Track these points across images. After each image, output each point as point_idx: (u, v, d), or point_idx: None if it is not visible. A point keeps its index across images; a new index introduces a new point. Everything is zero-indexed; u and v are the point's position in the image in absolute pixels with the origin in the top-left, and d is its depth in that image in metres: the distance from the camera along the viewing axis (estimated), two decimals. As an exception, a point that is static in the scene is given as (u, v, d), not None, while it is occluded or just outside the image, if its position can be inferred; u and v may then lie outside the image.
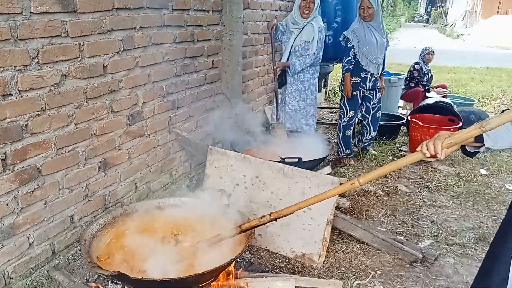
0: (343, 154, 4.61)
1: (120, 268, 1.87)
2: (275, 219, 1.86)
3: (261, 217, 1.90)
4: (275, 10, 4.61)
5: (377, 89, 4.43)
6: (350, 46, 4.18)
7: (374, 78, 4.32)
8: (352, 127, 4.52)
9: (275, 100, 4.18)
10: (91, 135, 2.39)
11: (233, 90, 3.79)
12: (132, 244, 2.11)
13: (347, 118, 4.47)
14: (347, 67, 4.25)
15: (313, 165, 3.41)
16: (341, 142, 4.57)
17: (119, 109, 2.56)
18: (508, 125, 1.43)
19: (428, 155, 1.33)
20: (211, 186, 3.01)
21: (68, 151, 2.25)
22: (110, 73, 2.43)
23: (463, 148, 1.49)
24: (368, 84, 4.31)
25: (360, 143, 4.78)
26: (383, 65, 4.45)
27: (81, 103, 2.27)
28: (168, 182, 3.27)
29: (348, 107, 4.43)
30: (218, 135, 3.93)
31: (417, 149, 1.37)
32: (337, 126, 4.64)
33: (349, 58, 4.21)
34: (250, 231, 2.01)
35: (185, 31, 3.08)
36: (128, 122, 2.67)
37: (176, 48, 3.00)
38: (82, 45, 2.21)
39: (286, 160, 3.07)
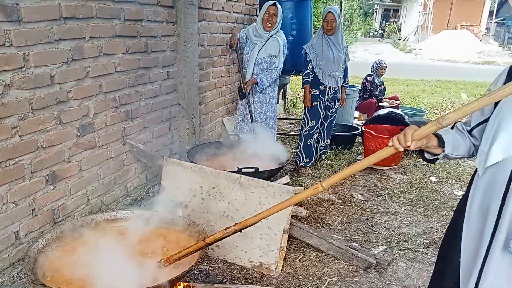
0: (301, 164, 4.67)
1: (66, 286, 1.79)
2: (240, 230, 1.81)
3: (225, 229, 1.84)
4: (232, 22, 4.65)
5: (336, 100, 4.58)
6: (308, 60, 4.31)
7: (333, 91, 4.46)
8: (313, 137, 4.63)
9: (238, 112, 4.23)
10: (38, 147, 2.30)
11: (190, 101, 3.77)
12: (81, 260, 2.03)
13: (308, 128, 4.58)
14: (306, 79, 4.38)
15: (270, 175, 3.44)
16: (302, 152, 4.65)
17: (68, 120, 2.48)
18: (462, 135, 1.52)
19: (401, 148, 1.36)
20: (167, 198, 2.97)
21: (12, 164, 2.15)
22: (58, 84, 2.35)
23: (422, 155, 1.54)
24: (326, 96, 4.45)
25: (316, 152, 4.87)
26: (345, 77, 4.62)
27: (26, 114, 2.18)
28: (123, 194, 3.19)
29: (309, 117, 4.54)
30: (175, 146, 3.89)
31: (388, 144, 1.39)
32: (298, 136, 4.72)
33: (307, 71, 4.34)
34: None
35: (139, 42, 3.05)
36: (78, 134, 2.59)
37: (129, 58, 2.96)
38: (27, 55, 2.13)
39: (242, 170, 3.09)
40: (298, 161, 4.70)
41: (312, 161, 4.70)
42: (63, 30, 2.34)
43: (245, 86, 3.91)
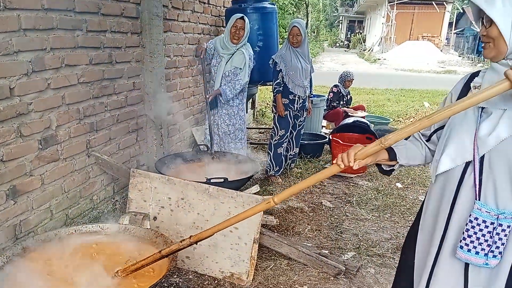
0: (271, 172, 4.70)
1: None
2: (195, 243, 1.81)
3: (181, 241, 1.85)
4: (198, 33, 4.67)
5: (305, 109, 4.67)
6: (278, 69, 4.37)
7: (302, 100, 4.54)
8: (283, 145, 4.67)
9: (207, 122, 4.21)
10: (-3, 161, 2.21)
11: (157, 112, 3.74)
12: (43, 277, 1.95)
13: (278, 137, 4.62)
14: (277, 89, 4.43)
15: (240, 184, 3.44)
16: (272, 160, 4.68)
17: (29, 133, 2.40)
18: (418, 144, 1.57)
19: (343, 166, 1.39)
20: (135, 210, 2.91)
21: (-31, 180, 2.06)
22: (17, 96, 2.28)
23: (379, 167, 1.58)
24: (296, 105, 4.52)
25: (286, 160, 4.92)
26: (310, 88, 4.70)
27: (-16, 127, 2.10)
28: (89, 207, 3.11)
29: (279, 126, 4.59)
30: (143, 157, 3.84)
31: (333, 162, 1.44)
32: (268, 145, 4.75)
33: (278, 80, 4.40)
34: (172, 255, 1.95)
35: (102, 53, 3.01)
36: (40, 147, 2.51)
37: (92, 70, 2.91)
38: (-15, 66, 2.06)
39: (211, 180, 3.07)
40: (268, 170, 4.72)
41: (282, 169, 4.73)
42: (23, 41, 2.28)
43: (207, 97, 3.89)
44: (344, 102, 6.85)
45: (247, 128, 6.89)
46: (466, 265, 1.35)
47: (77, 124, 2.83)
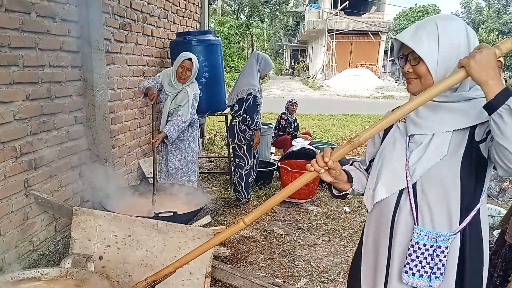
0: (245, 200, 4.77)
1: None
2: (153, 285, 1.70)
3: (136, 284, 1.74)
4: (143, 65, 4.63)
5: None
6: (257, 103, 4.46)
7: None
8: (251, 174, 4.79)
9: (159, 155, 4.13)
10: None
11: (101, 146, 3.62)
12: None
13: (248, 166, 4.71)
14: (258, 123, 4.52)
15: (190, 217, 3.37)
16: (244, 190, 4.74)
17: (-42, 175, 2.23)
18: (361, 173, 1.60)
19: (322, 170, 1.35)
20: (79, 250, 2.76)
21: None
22: None
23: (332, 193, 1.59)
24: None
25: None
26: None
27: None
28: (28, 250, 2.91)
29: (248, 156, 4.68)
30: (87, 193, 3.67)
31: (307, 170, 1.37)
32: (239, 176, 4.73)
33: (258, 115, 4.53)
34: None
35: (41, 88, 2.89)
36: (-28, 189, 2.33)
37: (30, 105, 2.78)
38: None
39: (160, 215, 2.99)
40: (241, 198, 4.77)
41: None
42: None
43: (153, 140, 3.76)
44: (292, 129, 7.02)
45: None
46: None
47: (14, 163, 2.67)
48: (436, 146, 1.31)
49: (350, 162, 1.68)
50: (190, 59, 3.84)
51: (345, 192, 1.55)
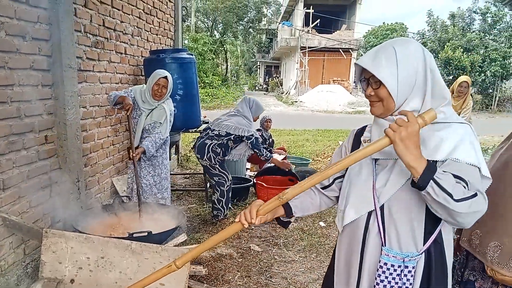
0: (221, 216, 4.75)
1: None
2: None
3: None
4: (116, 83, 4.58)
5: None
6: (260, 142, 4.75)
7: None
8: (231, 190, 4.83)
9: (129, 171, 4.06)
10: None
11: (73, 165, 3.54)
12: None
13: (229, 182, 4.73)
14: (268, 154, 4.75)
15: (165, 236, 3.32)
16: (224, 206, 4.75)
17: None
18: (311, 194, 1.65)
19: (246, 225, 1.43)
20: (49, 274, 2.67)
21: None
22: None
23: (278, 220, 1.63)
24: None
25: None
26: None
27: None
28: (-6, 276, 2.78)
29: (227, 172, 4.71)
30: (58, 214, 3.56)
31: (235, 220, 1.46)
32: (219, 193, 4.72)
33: (265, 149, 4.85)
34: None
35: (9, 107, 2.81)
36: None
37: (-2, 125, 2.70)
38: None
39: (134, 235, 2.93)
40: (219, 215, 4.74)
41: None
42: None
43: (133, 155, 3.73)
44: (267, 145, 7.05)
45: (172, 174, 6.78)
46: None
47: (-20, 184, 2.58)
48: (400, 169, 1.35)
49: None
50: (165, 77, 3.84)
51: (288, 220, 1.64)
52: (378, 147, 1.25)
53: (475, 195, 1.21)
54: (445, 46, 24.09)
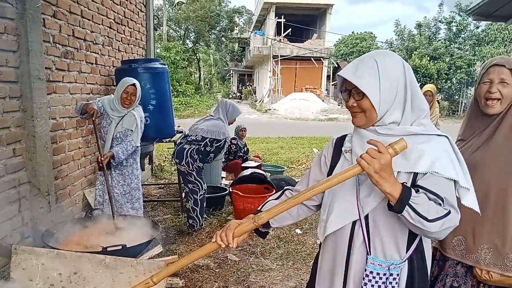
0: (198, 227, 4.70)
1: None
2: None
3: None
4: (87, 93, 4.50)
5: None
6: (226, 147, 4.79)
7: None
8: (205, 199, 4.76)
9: (101, 182, 3.97)
10: None
11: (43, 178, 3.44)
12: None
13: (203, 191, 4.67)
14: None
15: (141, 249, 3.26)
16: (199, 216, 4.68)
17: None
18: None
19: (224, 245, 1.44)
20: (18, 294, 2.57)
21: None
22: None
23: (257, 231, 1.64)
24: None
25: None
26: None
27: None
28: (-41, 296, 2.65)
29: (202, 181, 4.65)
30: (28, 229, 3.45)
31: (212, 240, 1.47)
32: (192, 201, 4.67)
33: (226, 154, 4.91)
34: None
35: (-24, 120, 2.72)
36: None
37: (-36, 138, 2.60)
38: None
39: (108, 249, 2.87)
40: (194, 225, 4.69)
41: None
42: None
43: (102, 159, 3.69)
44: (242, 154, 7.07)
45: (146, 184, 6.68)
46: None
47: None
48: None
49: (283, 189, 1.73)
50: (134, 84, 3.83)
51: (266, 231, 1.67)
52: (352, 174, 1.30)
53: (448, 213, 1.27)
54: (413, 54, 24.85)
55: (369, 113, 1.39)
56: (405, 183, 1.28)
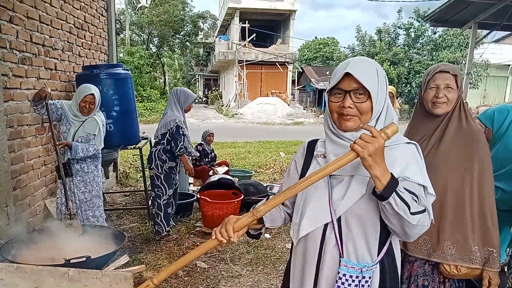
0: (165, 233, 4.62)
1: None
2: None
3: None
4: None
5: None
6: (181, 133, 4.43)
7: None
8: (171, 205, 4.67)
9: (61, 190, 3.82)
10: None
11: (0, 189, 3.29)
12: None
13: (167, 197, 4.60)
14: (183, 149, 4.45)
15: (106, 260, 3.16)
16: (163, 221, 4.60)
17: None
18: (277, 208, 1.65)
19: (225, 241, 1.41)
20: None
21: None
22: None
23: (248, 233, 1.62)
24: (179, 165, 4.74)
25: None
26: None
27: None
28: None
29: (167, 186, 4.57)
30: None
31: (212, 237, 1.43)
32: (157, 206, 4.59)
33: (183, 143, 4.45)
34: None
35: None
36: None
37: None
38: None
39: (71, 261, 2.77)
40: (160, 231, 4.62)
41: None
42: None
43: (57, 143, 3.61)
44: (209, 159, 7.02)
45: (111, 192, 6.51)
46: None
47: None
48: (357, 185, 1.40)
49: (267, 196, 1.75)
50: (92, 94, 3.75)
51: (259, 232, 1.64)
52: (345, 162, 1.30)
53: (424, 210, 1.31)
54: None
55: (364, 117, 1.40)
56: (392, 174, 1.30)
